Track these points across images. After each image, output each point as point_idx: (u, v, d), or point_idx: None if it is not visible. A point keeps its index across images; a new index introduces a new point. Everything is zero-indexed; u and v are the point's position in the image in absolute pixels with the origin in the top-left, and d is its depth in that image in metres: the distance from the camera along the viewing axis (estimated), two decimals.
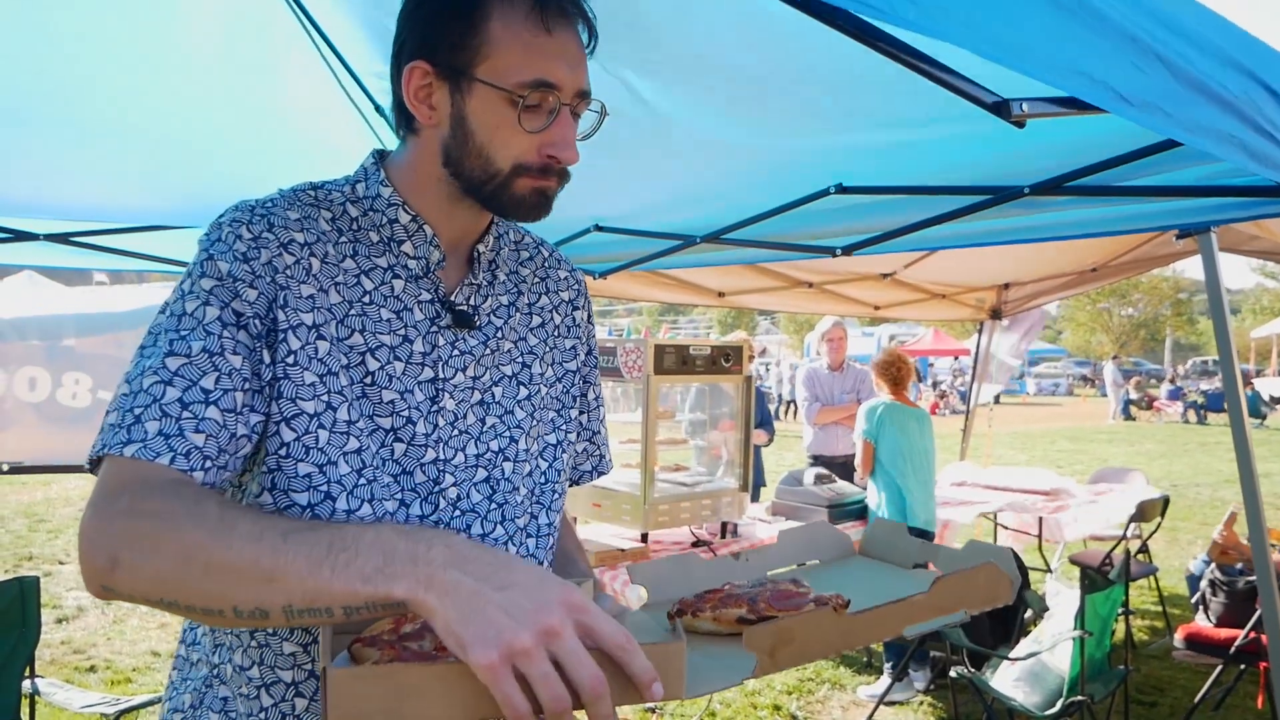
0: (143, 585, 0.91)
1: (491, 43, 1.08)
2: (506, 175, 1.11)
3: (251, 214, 1.12)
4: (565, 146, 1.11)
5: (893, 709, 4.75)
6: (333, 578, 0.84)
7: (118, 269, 4.18)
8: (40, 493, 10.66)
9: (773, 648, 0.97)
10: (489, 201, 1.14)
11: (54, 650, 5.36)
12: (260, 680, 1.14)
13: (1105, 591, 3.65)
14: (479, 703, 0.81)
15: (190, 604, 0.90)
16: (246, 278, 1.06)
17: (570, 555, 1.42)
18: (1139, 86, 1.09)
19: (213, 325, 1.03)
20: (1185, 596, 6.14)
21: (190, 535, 0.89)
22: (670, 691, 0.87)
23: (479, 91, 1.09)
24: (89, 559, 0.93)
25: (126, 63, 2.33)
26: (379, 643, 0.92)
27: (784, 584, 1.16)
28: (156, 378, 1.00)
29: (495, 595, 0.80)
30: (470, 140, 1.11)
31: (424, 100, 1.13)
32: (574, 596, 0.83)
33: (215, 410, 1.00)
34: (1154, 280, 43.76)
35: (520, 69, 1.07)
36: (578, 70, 1.11)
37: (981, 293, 6.81)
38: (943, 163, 2.62)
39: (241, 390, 1.03)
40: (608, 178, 3.04)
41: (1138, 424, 26.09)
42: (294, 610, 0.86)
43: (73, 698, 3.23)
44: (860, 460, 5.00)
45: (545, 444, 1.31)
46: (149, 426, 0.97)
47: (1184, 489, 12.69)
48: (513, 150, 1.10)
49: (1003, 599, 1.19)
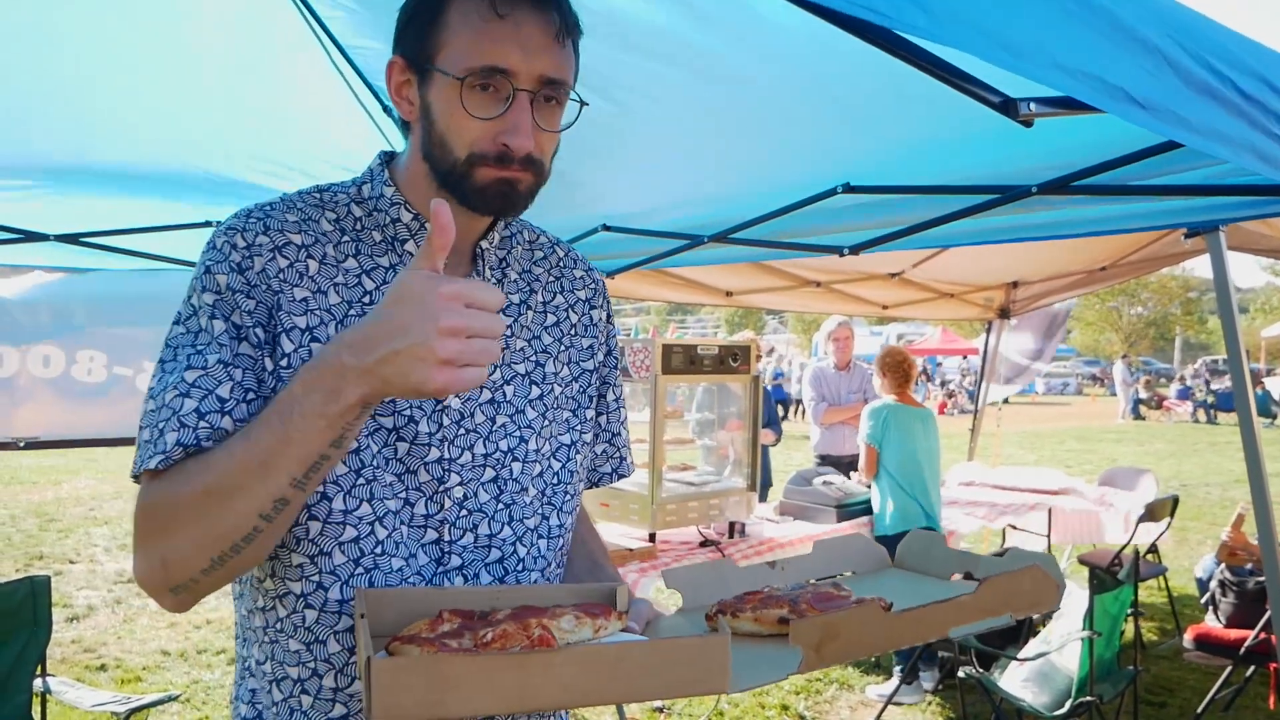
0: (193, 561, 1.00)
1: (448, 30, 1.07)
2: (463, 164, 1.09)
3: (247, 220, 1.13)
4: (515, 133, 1.07)
5: (901, 709, 4.75)
6: (304, 432, 0.94)
7: (127, 270, 4.20)
8: (51, 492, 10.71)
9: (819, 643, 0.97)
10: (455, 192, 1.12)
11: (65, 649, 5.38)
12: (272, 675, 1.17)
13: (1114, 592, 3.65)
14: (521, 693, 0.82)
15: (234, 541, 0.98)
16: (243, 289, 1.08)
17: (598, 562, 1.41)
18: (1150, 89, 1.09)
19: (223, 338, 1.07)
20: (1195, 597, 6.12)
21: (189, 492, 0.99)
22: (715, 684, 0.88)
23: (436, 80, 1.08)
24: (148, 579, 1.03)
25: (128, 63, 2.35)
26: (418, 640, 0.93)
27: (824, 587, 1.16)
28: (176, 391, 1.04)
29: (403, 343, 0.88)
30: (433, 130, 1.11)
31: (404, 95, 1.14)
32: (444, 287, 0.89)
33: (229, 420, 1.04)
34: (1163, 279, 43.51)
35: (471, 55, 1.06)
36: (537, 56, 1.07)
37: (990, 292, 6.79)
38: (950, 162, 2.62)
39: (246, 402, 1.06)
40: (615, 177, 3.05)
41: (1147, 423, 26.00)
42: (298, 479, 0.96)
43: (83, 696, 3.25)
44: (863, 464, 4.95)
45: (559, 444, 1.30)
46: (169, 438, 1.02)
47: (1194, 489, 12.64)
48: (465, 137, 1.08)
49: (1048, 604, 1.18)
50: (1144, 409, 28.16)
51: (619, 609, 1.11)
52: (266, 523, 0.98)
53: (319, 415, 0.93)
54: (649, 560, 3.85)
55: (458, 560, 1.17)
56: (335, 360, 0.93)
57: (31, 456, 12.60)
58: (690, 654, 0.88)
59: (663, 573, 1.30)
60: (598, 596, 1.16)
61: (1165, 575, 6.08)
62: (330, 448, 0.96)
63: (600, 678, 0.86)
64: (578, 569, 1.38)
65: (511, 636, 0.92)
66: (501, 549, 1.21)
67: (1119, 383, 28.46)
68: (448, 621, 0.97)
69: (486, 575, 1.19)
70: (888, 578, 1.41)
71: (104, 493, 10.48)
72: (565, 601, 1.11)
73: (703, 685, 0.89)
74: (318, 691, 1.14)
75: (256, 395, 1.07)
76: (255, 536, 0.99)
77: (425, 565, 1.15)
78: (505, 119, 1.07)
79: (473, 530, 1.19)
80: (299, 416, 0.94)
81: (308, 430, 0.94)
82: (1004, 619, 1.12)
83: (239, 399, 1.05)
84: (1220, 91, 1.19)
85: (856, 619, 1.01)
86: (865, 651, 1.03)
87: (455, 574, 1.17)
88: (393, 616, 1.04)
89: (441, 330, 0.87)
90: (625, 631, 1.07)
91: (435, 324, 0.87)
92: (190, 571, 1.01)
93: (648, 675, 0.87)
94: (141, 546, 1.03)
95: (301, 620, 1.13)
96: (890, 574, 1.43)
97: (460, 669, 0.82)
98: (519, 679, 0.81)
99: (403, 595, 1.06)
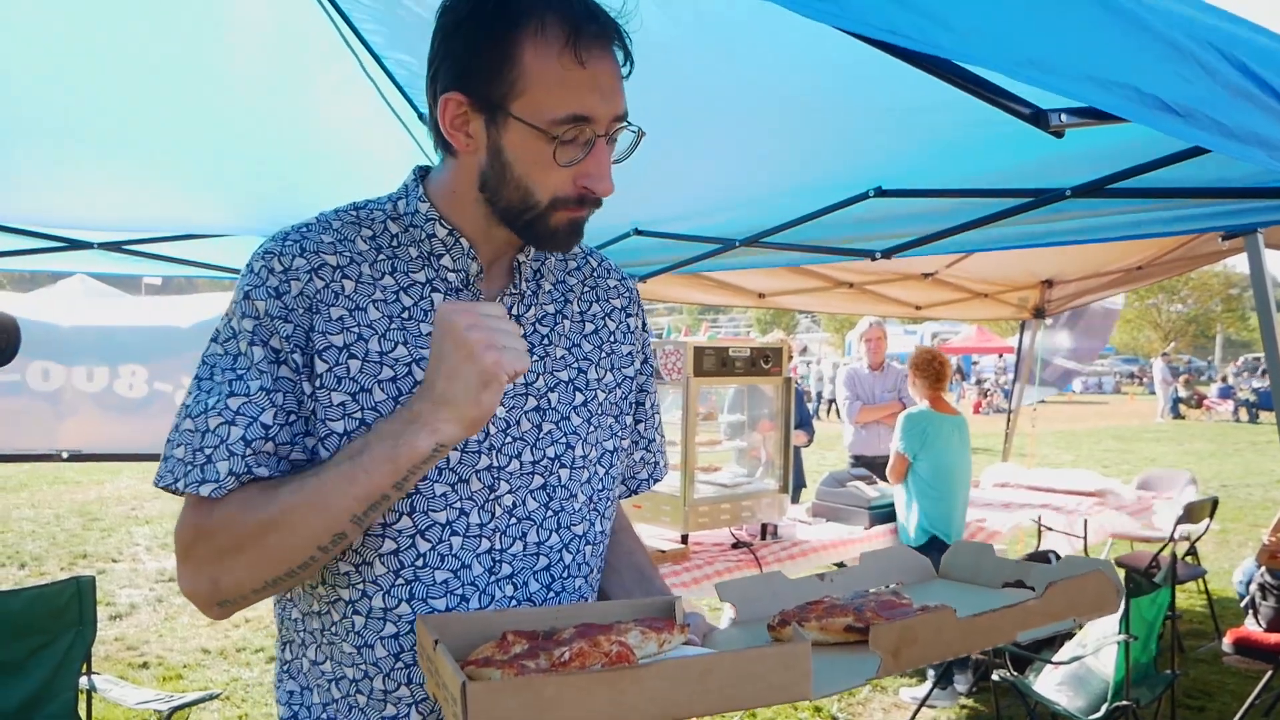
0: (247, 583, 1.07)
1: (526, 77, 1.07)
2: (544, 208, 1.12)
3: (284, 244, 1.15)
4: (600, 179, 1.11)
5: (934, 712, 4.72)
6: (370, 475, 1.02)
7: (169, 275, 4.29)
8: (94, 491, 10.89)
9: (897, 647, 0.99)
10: (523, 231, 1.16)
11: (108, 646, 5.48)
12: (331, 675, 1.21)
13: (1151, 595, 3.60)
14: (614, 709, 0.84)
15: (290, 569, 1.07)
16: (281, 314, 1.11)
17: (646, 575, 1.41)
18: (1187, 95, 1.07)
19: (263, 364, 1.11)
20: (1235, 600, 6.03)
21: (249, 523, 1.05)
22: (799, 692, 0.90)
23: (515, 127, 1.09)
24: (195, 594, 1.10)
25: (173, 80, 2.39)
26: (494, 663, 0.95)
27: (886, 595, 1.17)
28: (221, 419, 1.08)
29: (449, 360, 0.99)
30: (508, 172, 1.12)
31: (460, 129, 1.13)
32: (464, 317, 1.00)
33: (272, 445, 1.09)
34: (1204, 275, 42.80)
35: (555, 105, 1.07)
36: (613, 99, 1.10)
37: (1024, 291, 6.73)
38: (983, 165, 2.61)
39: (289, 424, 1.11)
40: (648, 182, 3.06)
41: (1187, 423, 25.61)
42: (358, 516, 1.04)
43: (127, 694, 3.31)
44: (892, 470, 4.81)
45: (603, 450, 1.31)
46: (220, 467, 1.07)
47: (1234, 489, 12.44)
48: (550, 185, 1.11)
49: (1110, 608, 1.19)
50: (1184, 408, 27.73)
51: (679, 622, 1.12)
52: (323, 553, 1.06)
53: (387, 460, 1.01)
54: (681, 562, 3.86)
55: (508, 569, 1.19)
56: (407, 410, 1.03)
57: None
58: (774, 663, 0.90)
59: (716, 585, 1.31)
60: (656, 611, 1.17)
61: (1205, 578, 6.00)
62: (392, 488, 1.03)
63: (689, 690, 0.87)
64: (626, 580, 1.38)
65: (589, 655, 0.93)
66: (549, 556, 1.22)
67: (1158, 381, 28.02)
68: (514, 643, 0.99)
69: (535, 583, 1.21)
70: (938, 587, 1.41)
71: (145, 492, 10.65)
72: (625, 617, 1.12)
73: (787, 693, 0.90)
74: (370, 692, 1.18)
75: (298, 416, 1.11)
76: (310, 564, 1.07)
77: (479, 575, 1.17)
78: (587, 164, 1.10)
79: (522, 539, 1.20)
80: (368, 458, 1.02)
81: (374, 473, 1.02)
82: (1068, 623, 1.14)
83: (281, 423, 1.10)
84: (1257, 95, 1.17)
85: (933, 624, 1.02)
86: (940, 656, 1.05)
87: (505, 582, 1.19)
88: (453, 641, 1.05)
89: (467, 326, 0.99)
90: (688, 645, 1.08)
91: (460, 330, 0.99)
92: (242, 590, 1.08)
93: (734, 685, 0.89)
94: (191, 565, 1.09)
95: (351, 625, 1.16)
96: (938, 584, 1.44)
97: (554, 689, 0.84)
98: (611, 695, 0.84)
99: (461, 620, 1.08)
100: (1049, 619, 1.12)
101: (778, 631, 1.15)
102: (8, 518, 9.22)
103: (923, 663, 1.03)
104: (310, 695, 1.21)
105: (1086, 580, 1.16)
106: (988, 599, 1.27)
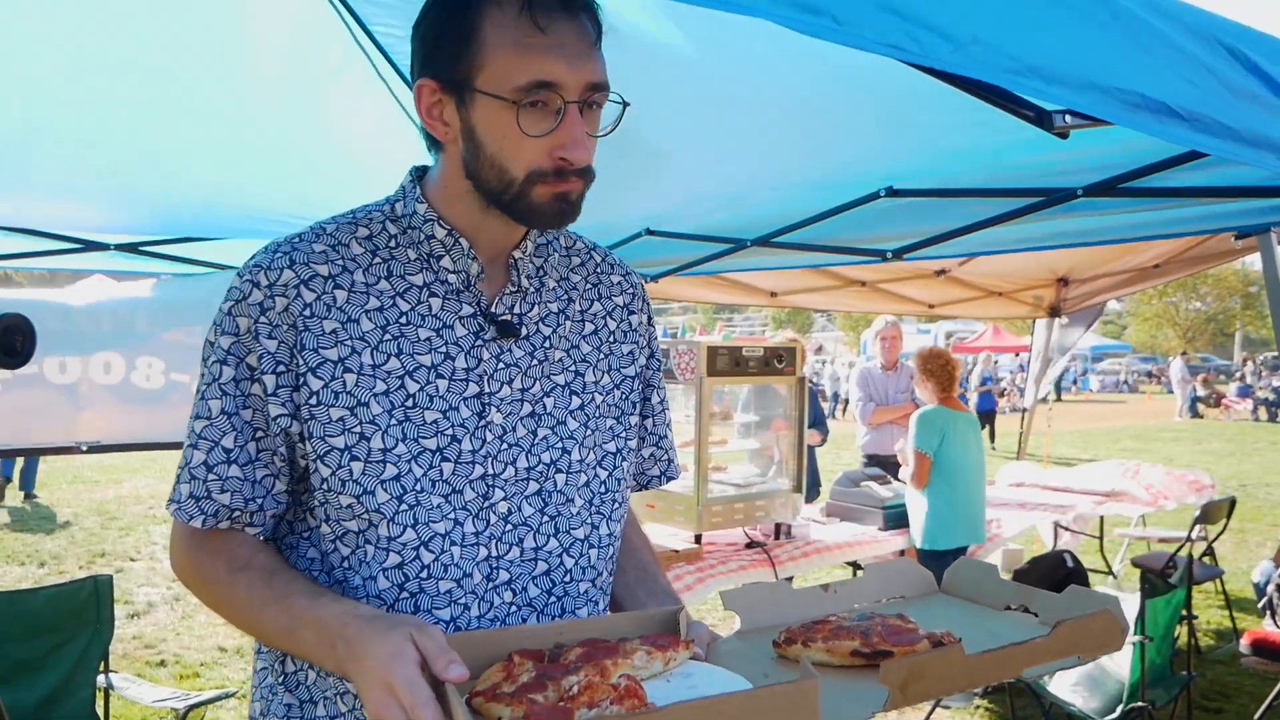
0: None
1: (486, 49, 1.05)
2: (522, 183, 1.09)
3: (273, 256, 1.14)
4: (575, 146, 1.07)
5: (949, 712, 4.71)
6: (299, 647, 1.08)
7: (185, 275, 4.32)
8: (111, 490, 10.98)
9: (905, 682, 1.00)
10: (509, 210, 1.13)
11: (126, 645, 5.53)
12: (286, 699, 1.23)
13: (1166, 595, 3.59)
14: None
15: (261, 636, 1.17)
16: (265, 330, 1.11)
17: (650, 572, 1.41)
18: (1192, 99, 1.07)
19: (228, 385, 1.12)
20: (1253, 600, 5.99)
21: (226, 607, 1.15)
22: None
23: (481, 102, 1.07)
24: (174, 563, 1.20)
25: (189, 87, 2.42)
26: (502, 698, 0.95)
27: (892, 619, 1.18)
28: (189, 442, 1.14)
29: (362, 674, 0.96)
30: (482, 152, 1.10)
31: (437, 117, 1.13)
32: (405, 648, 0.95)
33: (236, 468, 1.12)
34: (1222, 272, 42.43)
35: (516, 73, 1.04)
36: (582, 64, 1.06)
37: (1039, 290, 6.69)
38: (993, 164, 2.60)
39: (254, 440, 1.13)
40: (658, 181, 3.07)
41: (1205, 421, 25.42)
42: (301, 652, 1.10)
43: (144, 692, 3.34)
44: (914, 474, 4.65)
45: (604, 452, 1.29)
46: (183, 489, 1.14)
47: (1253, 489, 12.35)
48: (524, 159, 1.08)
49: (1114, 646, 1.19)
50: (1202, 407, 27.53)
51: (683, 637, 1.12)
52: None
53: (312, 651, 1.05)
54: (695, 562, 3.87)
55: (505, 575, 1.18)
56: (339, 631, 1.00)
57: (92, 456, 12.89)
58: (785, 701, 0.90)
59: (721, 593, 1.32)
60: (660, 625, 1.16)
61: (1222, 578, 5.96)
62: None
63: None
64: (630, 579, 1.37)
65: (597, 688, 0.93)
66: (548, 561, 1.21)
67: (1176, 380, 27.82)
68: (520, 665, 0.99)
69: (534, 588, 1.20)
70: (941, 606, 1.41)
71: (163, 491, 10.71)
72: (630, 633, 1.12)
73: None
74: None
75: (265, 433, 1.13)
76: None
77: (479, 583, 1.16)
78: (559, 133, 1.06)
79: (519, 544, 1.19)
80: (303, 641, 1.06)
81: (302, 646, 1.07)
82: (1073, 659, 1.14)
83: (243, 444, 1.13)
84: (1266, 96, 1.16)
85: (941, 661, 1.03)
86: (947, 691, 1.06)
87: (504, 589, 1.18)
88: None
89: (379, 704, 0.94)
90: (693, 660, 1.09)
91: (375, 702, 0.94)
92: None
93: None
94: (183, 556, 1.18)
95: None
96: (940, 600, 1.44)
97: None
98: None
99: (466, 640, 1.07)
100: (1055, 656, 1.12)
101: (783, 649, 1.15)
102: (27, 516, 9.31)
103: (929, 697, 1.04)
104: (315, 709, 1.19)
105: (1093, 620, 1.16)
106: (990, 622, 1.28)
